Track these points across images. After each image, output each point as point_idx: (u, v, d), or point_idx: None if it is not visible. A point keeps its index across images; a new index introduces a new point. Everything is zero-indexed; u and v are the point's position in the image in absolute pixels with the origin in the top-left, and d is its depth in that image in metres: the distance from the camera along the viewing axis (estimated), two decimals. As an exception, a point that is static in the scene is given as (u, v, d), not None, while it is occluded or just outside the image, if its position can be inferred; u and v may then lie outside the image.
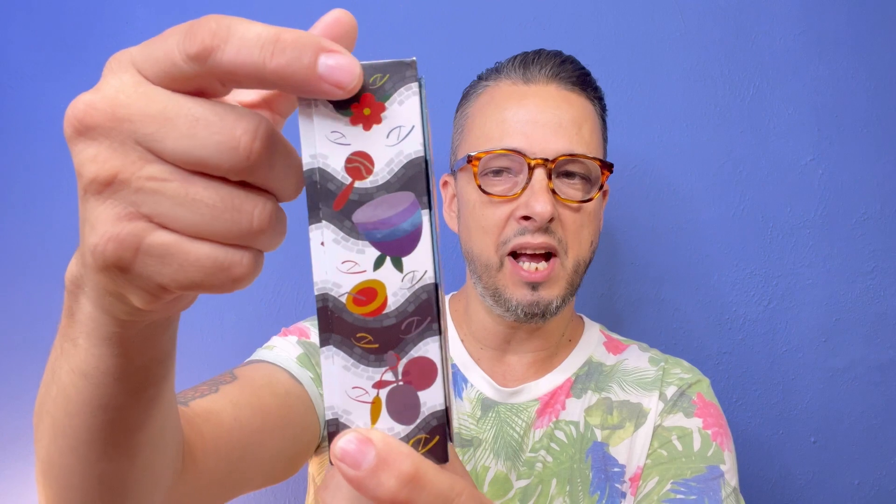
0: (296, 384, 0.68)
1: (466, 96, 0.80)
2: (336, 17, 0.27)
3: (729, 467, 0.71)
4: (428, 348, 0.25)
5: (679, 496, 0.67)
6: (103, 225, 0.25)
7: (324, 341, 0.25)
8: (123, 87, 0.26)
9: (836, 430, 1.02)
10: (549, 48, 0.80)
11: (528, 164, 0.71)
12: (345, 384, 0.25)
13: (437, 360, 0.25)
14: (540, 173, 0.70)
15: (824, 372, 1.02)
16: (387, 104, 0.25)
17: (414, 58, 0.26)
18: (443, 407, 0.25)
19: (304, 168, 0.25)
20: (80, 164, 0.26)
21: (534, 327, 0.77)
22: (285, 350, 0.73)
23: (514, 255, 0.73)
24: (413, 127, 0.25)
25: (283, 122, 0.31)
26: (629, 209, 1.04)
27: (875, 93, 1.02)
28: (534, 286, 0.72)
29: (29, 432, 1.04)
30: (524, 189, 0.71)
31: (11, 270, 1.05)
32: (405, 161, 0.25)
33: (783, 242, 1.03)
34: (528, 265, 0.72)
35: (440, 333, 0.25)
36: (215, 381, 0.62)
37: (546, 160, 0.70)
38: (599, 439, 0.75)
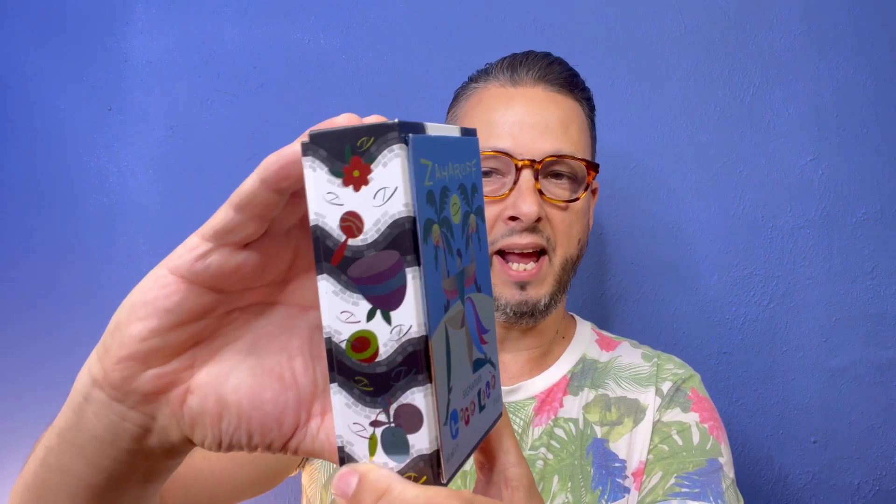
0: None
1: (457, 98, 0.82)
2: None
3: (726, 460, 0.73)
4: (414, 397, 0.27)
5: (684, 489, 0.68)
6: None
7: (331, 379, 0.28)
8: None
9: (836, 430, 1.02)
10: (549, 49, 0.80)
11: (516, 165, 0.72)
12: (347, 419, 0.28)
13: (422, 408, 0.27)
14: (527, 174, 0.72)
15: (824, 372, 1.02)
16: (372, 166, 0.26)
17: (397, 119, 0.26)
18: (429, 451, 0.27)
19: (311, 223, 0.27)
20: None
21: (526, 327, 0.78)
22: None
23: (503, 254, 0.74)
24: (397, 188, 0.26)
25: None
26: (629, 209, 1.04)
27: (875, 93, 1.02)
28: (522, 285, 0.73)
29: (29, 430, 1.04)
30: (511, 190, 0.72)
31: (10, 268, 1.05)
32: (390, 221, 0.26)
33: (783, 242, 1.03)
34: (516, 265, 0.73)
35: (430, 382, 0.27)
36: None
37: (533, 161, 0.72)
38: (599, 436, 0.75)
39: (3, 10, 1.06)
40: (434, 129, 0.29)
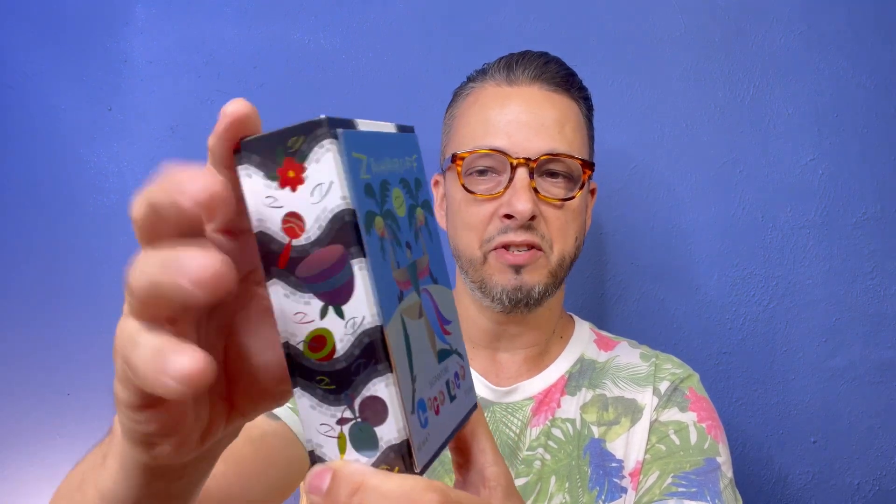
0: (272, 421, 0.67)
1: (455, 97, 0.82)
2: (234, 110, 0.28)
3: (724, 459, 0.72)
4: (377, 388, 0.27)
5: (681, 489, 0.68)
6: None
7: (294, 384, 0.28)
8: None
9: (836, 430, 1.02)
10: (549, 49, 0.80)
11: (511, 164, 0.72)
12: (314, 421, 0.28)
13: (386, 397, 0.27)
14: (522, 172, 0.72)
15: (824, 372, 1.02)
16: (305, 164, 0.26)
17: (323, 116, 0.26)
18: (398, 441, 0.27)
19: (254, 230, 0.27)
20: None
21: (521, 320, 0.78)
22: None
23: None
24: (332, 182, 0.26)
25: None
26: (629, 209, 1.04)
27: (875, 93, 1.02)
28: (517, 269, 0.73)
29: (28, 431, 1.04)
30: (506, 188, 0.72)
31: (10, 268, 1.05)
32: (330, 216, 0.26)
33: (783, 242, 1.03)
34: (512, 251, 0.73)
35: (391, 371, 0.27)
36: None
37: (528, 159, 0.72)
38: (596, 436, 0.76)
39: (3, 10, 1.06)
40: (365, 125, 0.29)
